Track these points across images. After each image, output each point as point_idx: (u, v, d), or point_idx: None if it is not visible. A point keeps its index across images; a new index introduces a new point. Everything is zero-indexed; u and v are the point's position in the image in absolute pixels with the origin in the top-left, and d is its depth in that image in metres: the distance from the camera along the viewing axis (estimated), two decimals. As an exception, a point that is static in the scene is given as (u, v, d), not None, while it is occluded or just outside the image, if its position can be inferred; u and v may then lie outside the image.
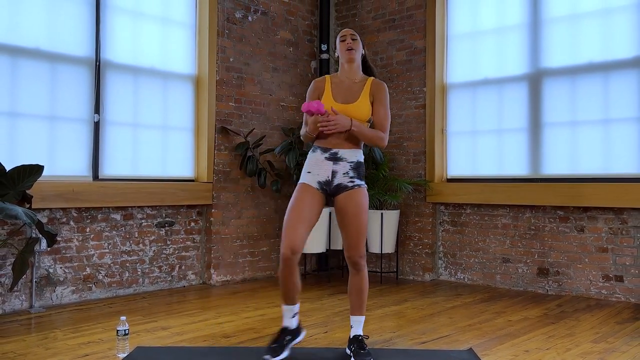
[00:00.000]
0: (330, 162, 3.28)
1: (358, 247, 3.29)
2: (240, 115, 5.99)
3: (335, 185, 3.28)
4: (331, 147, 3.29)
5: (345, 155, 3.29)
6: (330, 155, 3.29)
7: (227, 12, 5.90)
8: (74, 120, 4.99)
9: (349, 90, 3.37)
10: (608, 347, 3.62)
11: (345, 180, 3.28)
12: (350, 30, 3.44)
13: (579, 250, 5.22)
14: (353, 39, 3.39)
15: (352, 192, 3.28)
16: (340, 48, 3.41)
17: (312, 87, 3.44)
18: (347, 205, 3.27)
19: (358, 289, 3.35)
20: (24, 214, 3.86)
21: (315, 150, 3.34)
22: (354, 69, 3.42)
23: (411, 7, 6.27)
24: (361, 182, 3.33)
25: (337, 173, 3.28)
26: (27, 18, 4.73)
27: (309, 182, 3.30)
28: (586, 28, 5.31)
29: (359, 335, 3.32)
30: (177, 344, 3.66)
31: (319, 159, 3.31)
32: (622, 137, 5.08)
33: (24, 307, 4.58)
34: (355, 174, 3.31)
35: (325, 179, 3.28)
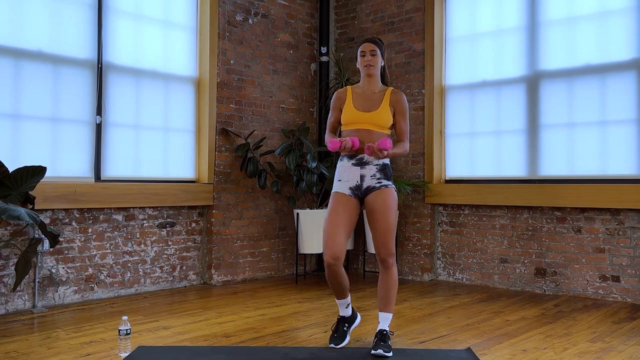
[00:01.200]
0: (357, 167, 3.46)
1: (387, 245, 3.44)
2: (240, 117, 6.00)
3: (365, 188, 3.46)
4: (357, 153, 3.47)
5: (371, 159, 3.46)
6: (357, 160, 3.47)
7: (228, 15, 5.91)
8: (76, 122, 4.99)
9: (369, 99, 3.53)
10: (605, 346, 3.62)
11: (373, 182, 3.46)
12: (371, 44, 3.54)
13: (576, 250, 5.23)
14: (373, 54, 3.52)
15: (380, 192, 3.45)
16: (360, 62, 3.55)
17: (335, 98, 3.61)
18: (375, 204, 3.43)
19: (386, 287, 3.49)
20: (27, 215, 3.86)
21: (343, 159, 3.53)
22: (374, 82, 3.58)
23: (410, 10, 6.28)
24: (388, 182, 3.50)
25: (365, 177, 3.46)
26: (30, 21, 4.74)
27: (341, 190, 3.50)
28: (583, 31, 5.32)
29: (385, 330, 3.43)
30: (179, 343, 3.67)
31: (347, 166, 3.50)
32: (618, 138, 5.09)
33: (27, 307, 4.59)
34: (382, 175, 3.47)
35: (355, 184, 3.47)
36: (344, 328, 3.60)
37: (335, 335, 3.56)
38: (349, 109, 3.52)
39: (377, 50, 3.54)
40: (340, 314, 3.64)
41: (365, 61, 3.53)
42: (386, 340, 3.38)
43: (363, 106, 3.51)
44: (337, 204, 3.47)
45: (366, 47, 3.54)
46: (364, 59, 3.53)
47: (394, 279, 3.50)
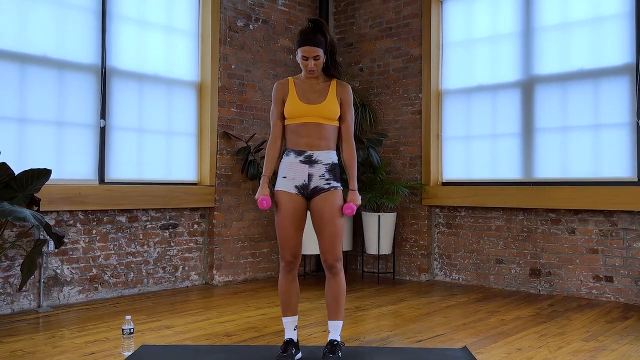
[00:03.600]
0: (305, 165, 3.15)
1: (334, 250, 3.16)
2: (241, 121, 6.01)
3: (312, 188, 3.16)
4: (305, 149, 3.16)
5: (320, 158, 3.16)
6: (305, 158, 3.15)
7: (229, 21, 5.92)
8: (80, 126, 5.00)
9: (313, 91, 3.19)
10: (598, 345, 3.63)
11: (322, 183, 3.16)
12: (313, 47, 3.10)
13: (570, 251, 5.23)
14: (316, 59, 3.13)
15: (328, 195, 3.16)
16: (301, 63, 3.17)
17: (276, 89, 3.26)
18: (323, 208, 3.15)
19: (335, 294, 3.21)
20: (32, 217, 3.87)
21: (289, 154, 3.20)
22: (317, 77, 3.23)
23: (407, 16, 6.29)
24: (337, 184, 3.20)
25: (313, 176, 3.15)
26: (36, 27, 4.75)
27: (286, 188, 3.18)
28: (577, 36, 5.33)
29: (335, 340, 3.20)
30: (181, 342, 3.67)
31: (294, 163, 3.17)
32: (611, 142, 5.10)
33: (32, 307, 4.59)
34: (331, 175, 3.18)
35: (301, 182, 3.16)
36: (293, 352, 3.18)
37: (285, 354, 3.14)
38: (292, 101, 3.16)
39: (320, 52, 3.12)
40: (288, 336, 3.24)
41: (308, 66, 3.14)
42: (336, 351, 3.14)
43: (308, 98, 3.17)
44: (285, 206, 3.16)
45: (308, 52, 3.11)
46: (306, 63, 3.14)
47: (342, 286, 3.21)
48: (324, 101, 3.17)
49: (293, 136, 3.20)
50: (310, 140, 3.16)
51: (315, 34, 3.13)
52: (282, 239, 3.19)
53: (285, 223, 3.17)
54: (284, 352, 3.16)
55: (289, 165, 3.19)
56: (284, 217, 3.17)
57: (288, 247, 3.18)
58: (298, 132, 3.18)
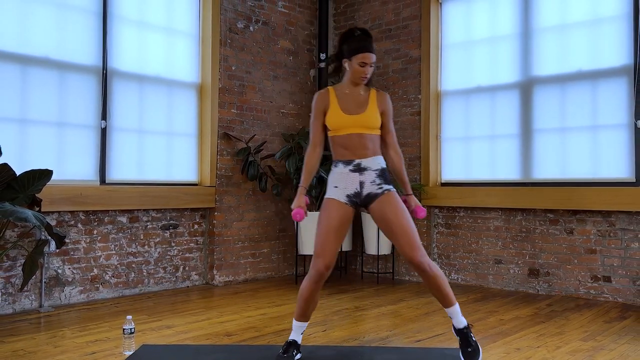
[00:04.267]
0: (356, 173, 3.15)
1: (413, 246, 3.09)
2: (242, 122, 6.01)
3: (365, 195, 3.16)
4: (353, 158, 3.16)
5: (369, 164, 3.16)
6: (354, 167, 3.15)
7: (229, 22, 5.92)
8: (81, 127, 5.00)
9: (355, 101, 3.19)
10: (596, 345, 3.63)
11: (374, 188, 3.16)
12: (373, 55, 3.14)
13: (568, 251, 5.24)
14: (371, 66, 3.15)
15: (384, 198, 3.15)
16: (355, 70, 3.14)
17: (317, 100, 3.23)
18: (385, 211, 3.13)
19: (437, 286, 3.14)
20: (34, 217, 3.87)
21: (338, 165, 3.20)
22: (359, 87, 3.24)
23: (407, 18, 6.30)
24: (389, 185, 3.19)
25: (364, 183, 3.15)
26: (37, 28, 4.75)
27: (337, 197, 3.17)
28: (575, 38, 5.33)
29: (463, 327, 3.17)
30: (181, 342, 3.67)
31: (344, 172, 3.17)
32: (610, 143, 5.10)
33: (34, 307, 4.59)
34: (382, 179, 3.18)
35: (353, 191, 3.16)
36: (293, 352, 3.17)
37: (285, 355, 3.14)
38: (335, 113, 3.16)
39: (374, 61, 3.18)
40: (292, 337, 3.23)
41: (365, 73, 3.14)
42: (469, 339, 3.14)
43: (350, 109, 3.16)
44: (332, 213, 3.15)
45: (369, 59, 3.12)
46: (362, 69, 3.13)
47: (440, 275, 3.12)
48: (365, 111, 3.17)
49: (339, 148, 3.20)
50: (356, 150, 3.16)
51: (371, 41, 3.16)
52: (321, 247, 3.12)
53: (328, 231, 3.12)
54: (284, 353, 3.15)
55: (339, 176, 3.19)
56: (329, 225, 3.13)
57: (325, 255, 3.10)
58: (343, 143, 3.17)
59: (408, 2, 6.28)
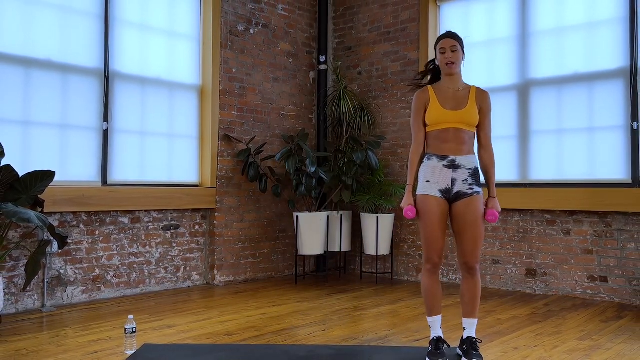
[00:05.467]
0: (449, 169, 3.14)
1: (475, 253, 3.16)
2: (242, 124, 6.02)
3: (455, 192, 3.15)
4: (448, 154, 3.15)
5: (463, 162, 3.15)
6: (449, 162, 3.14)
7: (230, 25, 5.93)
8: (84, 128, 5.01)
9: (454, 97, 3.19)
10: (593, 344, 3.63)
11: (465, 188, 3.15)
12: (451, 40, 3.19)
13: (565, 252, 5.24)
14: (453, 50, 3.18)
15: (471, 200, 3.15)
16: (440, 60, 3.21)
17: (417, 98, 3.25)
18: (467, 213, 3.14)
19: (473, 294, 3.20)
20: (37, 218, 3.88)
21: (431, 158, 3.19)
22: (456, 79, 3.24)
23: (405, 21, 6.31)
24: (479, 188, 3.19)
25: (456, 180, 3.15)
26: (40, 31, 4.76)
27: (431, 192, 3.16)
28: (572, 41, 5.34)
29: (473, 337, 3.20)
30: (183, 341, 3.68)
31: (437, 167, 3.16)
32: (606, 144, 5.11)
33: (37, 307, 4.59)
34: (474, 180, 3.17)
35: (445, 186, 3.15)
36: (443, 347, 3.19)
37: (438, 352, 3.14)
38: (435, 108, 3.16)
39: (458, 46, 3.19)
40: (435, 334, 3.23)
41: (445, 59, 3.17)
42: (477, 348, 3.15)
43: (450, 104, 3.16)
44: (431, 207, 3.14)
45: (446, 44, 3.17)
46: (444, 56, 3.17)
47: (479, 286, 3.21)
48: (465, 107, 3.16)
49: (435, 142, 3.20)
50: (452, 145, 3.16)
51: (450, 33, 3.24)
52: (430, 242, 3.15)
53: (433, 226, 3.14)
54: (437, 350, 3.16)
55: (432, 170, 3.19)
56: (432, 221, 3.15)
57: (435, 248, 3.15)
58: (440, 137, 3.18)
59: (406, 5, 6.29)
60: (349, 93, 6.43)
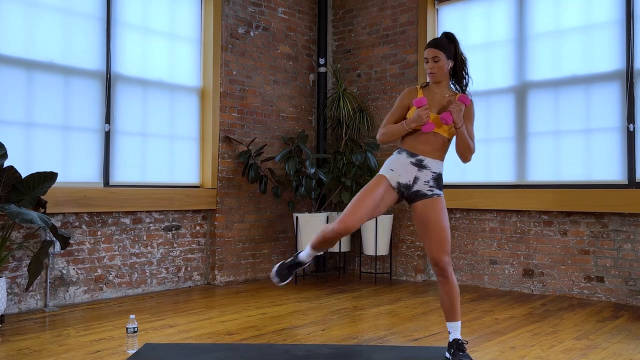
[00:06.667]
0: (415, 167, 3.16)
1: (444, 250, 3.14)
2: (242, 125, 6.02)
3: (414, 191, 3.17)
4: (418, 153, 3.17)
5: (430, 165, 3.17)
6: (417, 161, 3.17)
7: (231, 28, 5.94)
8: (85, 130, 5.01)
9: (440, 103, 3.21)
10: (590, 343, 3.64)
11: (425, 189, 3.17)
12: (432, 49, 3.20)
13: (562, 252, 5.25)
14: (435, 60, 3.20)
15: (431, 201, 3.16)
16: (425, 67, 3.26)
17: (404, 95, 3.28)
18: (428, 214, 3.15)
19: (451, 297, 3.19)
20: (39, 218, 3.88)
21: (402, 153, 3.21)
22: (443, 86, 3.26)
23: (404, 24, 6.32)
24: (440, 191, 3.20)
25: (418, 180, 3.16)
26: (42, 34, 4.76)
27: (389, 177, 3.18)
28: (569, 43, 5.35)
29: (459, 339, 3.20)
30: (184, 340, 3.68)
31: (404, 162, 3.18)
32: (602, 145, 5.12)
33: (39, 306, 4.60)
34: (435, 183, 3.19)
35: (406, 182, 3.17)
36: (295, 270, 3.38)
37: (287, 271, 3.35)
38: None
39: (441, 54, 3.19)
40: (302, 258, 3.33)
41: (428, 68, 3.22)
42: (464, 349, 3.16)
43: (434, 109, 3.19)
44: (377, 187, 3.15)
45: (428, 54, 3.21)
46: (427, 65, 3.23)
47: (456, 289, 3.20)
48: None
49: (411, 140, 3.21)
50: (426, 147, 3.17)
51: (439, 40, 3.23)
52: (351, 208, 3.11)
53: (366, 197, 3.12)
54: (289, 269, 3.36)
55: (399, 162, 3.20)
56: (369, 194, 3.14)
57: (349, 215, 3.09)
58: (417, 138, 3.19)
59: (405, 8, 6.30)
60: (348, 95, 6.43)
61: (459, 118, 3.11)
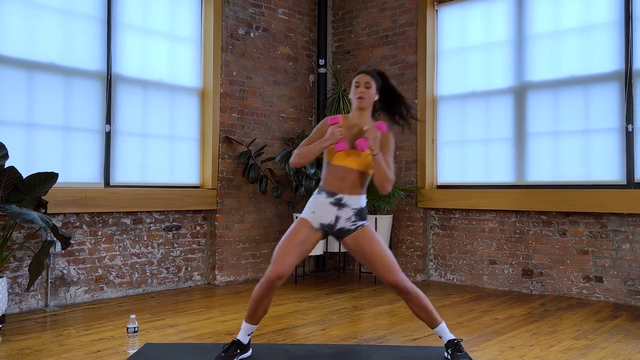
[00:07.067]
0: (335, 207, 3.14)
1: (394, 272, 3.11)
2: (242, 126, 6.02)
3: (338, 229, 3.17)
4: (336, 191, 3.14)
5: (350, 202, 3.14)
6: (335, 200, 3.13)
7: (231, 29, 5.94)
8: (86, 131, 5.01)
9: (357, 137, 3.16)
10: (588, 343, 3.64)
11: (348, 225, 3.16)
12: (367, 76, 3.18)
13: (561, 252, 5.25)
14: (367, 87, 3.16)
15: (358, 234, 3.16)
16: (352, 92, 3.19)
17: (323, 124, 3.22)
18: (360, 245, 3.16)
19: (422, 308, 3.18)
20: (40, 219, 3.88)
21: (321, 193, 3.18)
22: (365, 116, 3.21)
23: (403, 24, 6.32)
24: (364, 221, 3.19)
25: (340, 218, 3.15)
26: (43, 35, 4.77)
27: (311, 220, 3.17)
28: (568, 44, 5.35)
29: (453, 339, 3.20)
30: (184, 340, 3.68)
31: (324, 202, 3.15)
32: (601, 146, 5.12)
33: (40, 306, 4.60)
34: (358, 217, 3.17)
35: (328, 222, 3.15)
36: (235, 352, 3.13)
37: (224, 355, 3.10)
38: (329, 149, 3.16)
39: (372, 83, 3.17)
40: (239, 337, 3.17)
41: (358, 92, 3.16)
42: (460, 348, 3.15)
43: (351, 144, 3.14)
44: (301, 229, 3.14)
45: (361, 79, 3.17)
46: (357, 89, 3.16)
47: (423, 299, 3.17)
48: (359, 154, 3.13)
49: (329, 175, 3.18)
50: (343, 184, 3.14)
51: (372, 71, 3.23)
52: (279, 256, 3.07)
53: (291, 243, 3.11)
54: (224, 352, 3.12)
55: (319, 203, 3.17)
56: (294, 238, 3.12)
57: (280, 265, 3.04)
58: (334, 173, 3.16)
59: (405, 9, 6.30)
60: (347, 96, 6.43)
61: (375, 144, 3.04)
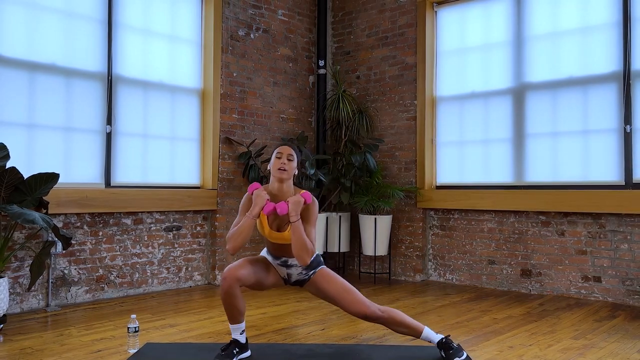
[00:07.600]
0: (283, 267, 3.25)
1: (359, 303, 3.16)
2: (243, 127, 6.03)
3: (295, 281, 3.28)
4: (280, 255, 3.22)
5: (295, 262, 3.20)
6: (282, 262, 3.24)
7: (231, 30, 5.94)
8: (87, 131, 5.01)
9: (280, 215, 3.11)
10: (587, 343, 3.64)
11: (302, 276, 3.25)
12: (289, 148, 3.15)
13: (559, 252, 5.25)
14: (289, 159, 3.12)
15: (315, 279, 3.23)
16: (273, 164, 3.11)
17: (245, 199, 3.18)
18: (321, 288, 3.22)
19: (401, 323, 3.22)
20: (41, 219, 3.88)
21: (269, 255, 3.29)
22: (285, 188, 3.15)
23: (403, 26, 6.32)
24: (317, 268, 3.24)
25: (292, 275, 3.26)
26: (44, 36, 4.77)
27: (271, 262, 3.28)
28: (566, 45, 5.36)
29: (441, 338, 3.21)
30: (184, 340, 3.68)
31: (274, 263, 3.28)
32: (600, 147, 5.12)
33: (41, 306, 4.60)
34: (309, 269, 3.23)
35: (283, 276, 3.29)
36: (234, 351, 3.13)
37: (223, 354, 3.09)
38: (262, 224, 3.16)
39: (294, 156, 3.14)
40: (234, 337, 3.17)
41: (279, 163, 3.09)
42: (452, 345, 3.16)
43: (275, 224, 3.15)
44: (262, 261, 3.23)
45: (284, 150, 3.12)
46: (279, 160, 3.09)
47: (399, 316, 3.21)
48: (287, 230, 3.10)
49: (269, 245, 3.26)
50: (285, 252, 3.20)
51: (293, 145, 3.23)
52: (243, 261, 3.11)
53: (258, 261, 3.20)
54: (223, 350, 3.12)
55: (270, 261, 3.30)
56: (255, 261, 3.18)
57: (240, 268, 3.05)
58: (271, 245, 3.24)
59: (404, 10, 6.31)
60: (347, 97, 6.44)
61: (294, 210, 3.00)
